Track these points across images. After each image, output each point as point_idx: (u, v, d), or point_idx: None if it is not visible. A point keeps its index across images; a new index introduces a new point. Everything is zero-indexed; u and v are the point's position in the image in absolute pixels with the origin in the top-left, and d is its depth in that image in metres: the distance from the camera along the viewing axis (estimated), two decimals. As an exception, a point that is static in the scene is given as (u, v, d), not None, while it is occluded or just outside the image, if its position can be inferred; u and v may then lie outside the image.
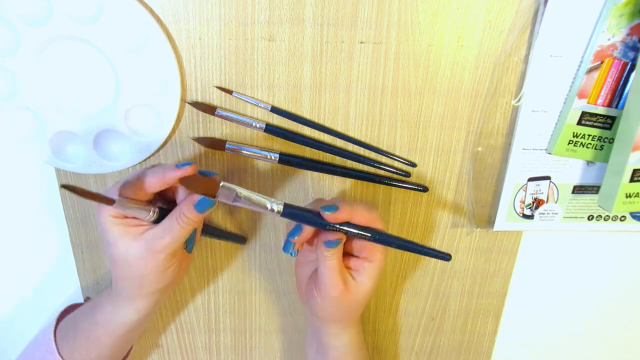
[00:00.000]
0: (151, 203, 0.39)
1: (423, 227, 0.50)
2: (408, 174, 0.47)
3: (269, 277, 0.52)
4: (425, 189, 0.48)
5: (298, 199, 0.48)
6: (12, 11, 0.38)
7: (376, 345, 0.57)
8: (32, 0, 0.38)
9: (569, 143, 0.44)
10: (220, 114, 0.44)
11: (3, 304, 0.53)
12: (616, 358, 0.61)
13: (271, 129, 0.44)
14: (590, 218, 0.49)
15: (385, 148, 0.46)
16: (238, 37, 0.42)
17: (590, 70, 0.41)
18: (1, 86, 0.41)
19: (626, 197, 0.42)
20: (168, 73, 0.41)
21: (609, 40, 0.40)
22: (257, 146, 0.45)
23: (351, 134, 0.46)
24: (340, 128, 0.45)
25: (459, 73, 0.44)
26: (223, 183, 0.36)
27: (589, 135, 0.44)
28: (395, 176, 0.47)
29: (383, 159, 0.47)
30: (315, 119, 0.45)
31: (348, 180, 0.48)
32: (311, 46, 0.42)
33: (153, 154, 0.45)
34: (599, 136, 0.44)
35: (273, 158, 0.45)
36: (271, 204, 0.37)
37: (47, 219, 0.49)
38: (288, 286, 0.53)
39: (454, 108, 0.45)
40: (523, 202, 0.47)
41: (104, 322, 0.41)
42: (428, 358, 0.58)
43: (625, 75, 0.41)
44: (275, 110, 0.44)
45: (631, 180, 0.41)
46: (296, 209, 0.38)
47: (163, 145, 0.44)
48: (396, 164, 0.47)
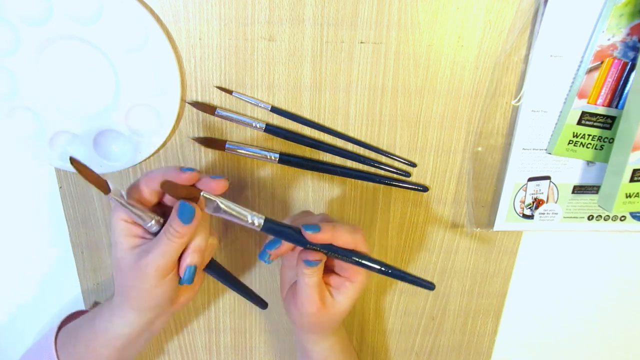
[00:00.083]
0: (157, 213, 0.37)
1: (423, 227, 0.50)
2: (408, 174, 0.47)
3: (269, 277, 0.52)
4: (425, 189, 0.48)
5: (298, 199, 0.48)
6: (12, 11, 0.38)
7: (376, 345, 0.57)
8: (32, 0, 0.38)
9: (569, 143, 0.44)
10: (220, 114, 0.44)
11: (3, 305, 0.53)
12: (616, 358, 0.61)
13: (271, 129, 0.44)
14: (590, 218, 0.49)
15: (385, 148, 0.46)
16: (238, 37, 0.42)
17: (590, 70, 0.41)
18: (1, 86, 0.41)
19: (626, 197, 0.42)
20: (168, 73, 0.41)
21: (609, 40, 0.40)
22: (257, 146, 0.45)
23: (351, 134, 0.46)
24: (340, 128, 0.45)
25: (459, 73, 0.44)
26: (203, 193, 0.35)
27: (589, 135, 0.44)
28: (395, 176, 0.47)
29: (383, 159, 0.47)
30: (315, 119, 0.45)
31: (348, 180, 0.48)
32: (311, 46, 0.42)
33: (153, 154, 0.45)
34: (599, 136, 0.44)
35: (273, 158, 0.45)
36: (252, 217, 0.36)
37: (47, 219, 0.49)
38: (288, 286, 0.53)
39: (454, 108, 0.45)
40: (523, 202, 0.47)
41: (102, 331, 0.40)
42: (428, 358, 0.58)
43: (625, 75, 0.41)
44: (275, 110, 0.44)
45: (631, 180, 0.41)
46: (277, 225, 0.37)
47: (163, 145, 0.44)
48: (396, 164, 0.47)
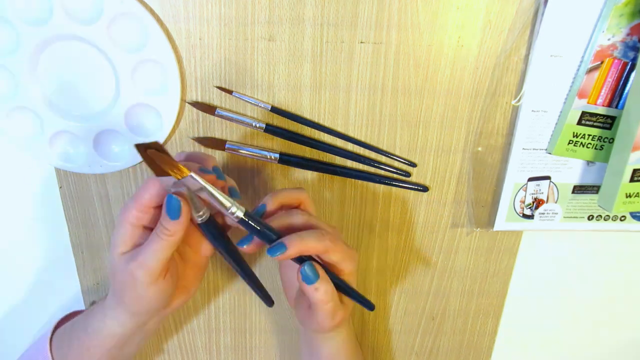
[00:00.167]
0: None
1: (423, 227, 0.50)
2: (408, 174, 0.47)
3: (269, 277, 0.52)
4: (425, 189, 0.48)
5: (298, 199, 0.48)
6: (12, 11, 0.38)
7: (376, 345, 0.57)
8: (32, 0, 0.38)
9: (569, 143, 0.44)
10: (220, 114, 0.44)
11: (3, 305, 0.53)
12: (616, 358, 0.61)
13: (271, 129, 0.44)
14: (590, 218, 0.49)
15: (385, 148, 0.46)
16: (238, 37, 0.42)
17: (590, 70, 0.41)
18: (1, 86, 0.41)
19: (626, 197, 0.42)
20: (168, 73, 0.41)
21: (609, 40, 0.40)
22: (257, 146, 0.45)
23: (351, 134, 0.46)
24: (340, 128, 0.45)
25: (459, 73, 0.44)
26: (192, 174, 0.33)
27: (589, 135, 0.44)
28: (395, 176, 0.47)
29: (383, 159, 0.47)
30: (315, 119, 0.45)
31: (348, 180, 0.48)
32: (311, 46, 0.42)
33: (153, 154, 0.45)
34: (599, 136, 0.44)
35: (273, 158, 0.45)
36: (232, 207, 0.35)
37: (47, 219, 0.49)
38: (288, 286, 0.53)
39: (454, 108, 0.45)
40: (523, 202, 0.47)
41: (95, 331, 0.40)
42: (428, 358, 0.58)
43: (625, 75, 0.41)
44: (275, 110, 0.44)
45: (631, 180, 0.41)
46: (254, 221, 0.36)
47: (163, 145, 0.44)
48: (396, 164, 0.47)
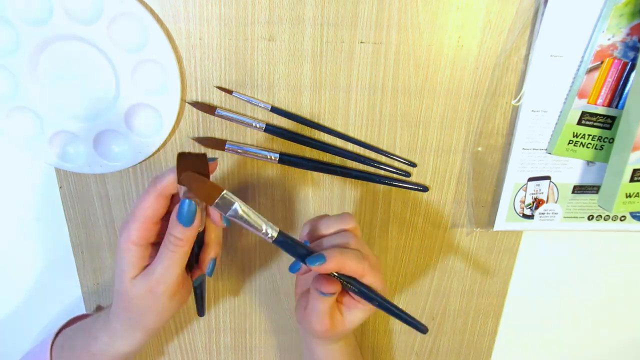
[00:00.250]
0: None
1: (423, 227, 0.50)
2: (408, 174, 0.47)
3: (269, 277, 0.52)
4: (425, 189, 0.48)
5: (298, 199, 0.48)
6: (12, 11, 0.38)
7: (376, 345, 0.57)
8: (32, 0, 0.38)
9: (569, 143, 0.44)
10: (220, 114, 0.44)
11: (2, 305, 0.53)
12: (616, 358, 0.61)
13: (271, 129, 0.44)
14: (590, 218, 0.49)
15: (385, 148, 0.46)
16: (238, 37, 0.42)
17: (590, 70, 0.41)
18: (1, 86, 0.41)
19: (626, 197, 0.42)
20: (168, 73, 0.41)
21: (609, 40, 0.40)
22: (257, 146, 0.45)
23: (351, 134, 0.46)
24: (340, 128, 0.45)
25: (459, 73, 0.44)
26: (225, 192, 0.32)
27: (589, 135, 0.44)
28: (395, 176, 0.47)
29: (383, 159, 0.47)
30: (315, 119, 0.45)
31: (348, 180, 0.48)
32: (311, 46, 0.42)
33: (153, 154, 0.45)
34: (599, 136, 0.44)
35: (273, 158, 0.45)
36: (266, 228, 0.34)
37: (47, 219, 0.49)
38: (288, 286, 0.53)
39: (454, 108, 0.45)
40: (523, 202, 0.47)
41: (99, 353, 0.40)
42: (428, 358, 0.58)
43: (625, 75, 0.41)
44: (275, 110, 0.44)
45: (631, 180, 0.41)
46: (289, 240, 0.35)
47: (163, 145, 0.44)
48: (396, 164, 0.47)
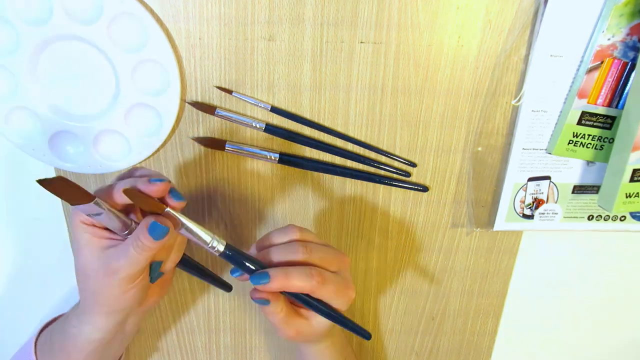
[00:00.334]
0: (130, 217, 0.36)
1: (423, 227, 0.50)
2: (408, 174, 0.47)
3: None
4: (425, 189, 0.48)
5: (298, 199, 0.48)
6: (12, 11, 0.38)
7: (376, 345, 0.57)
8: (32, 0, 0.38)
9: (569, 143, 0.44)
10: (220, 114, 0.44)
11: (2, 305, 0.53)
12: (616, 358, 0.61)
13: (271, 129, 0.44)
14: (590, 218, 0.49)
15: (385, 148, 0.46)
16: (238, 37, 0.42)
17: (590, 70, 0.41)
18: (1, 86, 0.41)
19: (626, 197, 0.42)
20: (168, 73, 0.41)
21: (609, 40, 0.40)
22: (257, 146, 0.45)
23: (351, 134, 0.46)
24: (340, 128, 0.45)
25: (459, 73, 0.44)
26: (168, 209, 0.34)
27: (589, 135, 0.44)
28: (395, 176, 0.47)
29: (383, 159, 0.47)
30: (315, 119, 0.45)
31: (348, 180, 0.48)
32: (311, 46, 0.42)
33: (153, 154, 0.45)
34: (599, 136, 0.44)
35: (273, 158, 0.45)
36: (212, 241, 0.35)
37: (47, 219, 0.49)
38: (288, 286, 0.53)
39: (454, 108, 0.45)
40: (523, 202, 0.47)
41: (72, 337, 0.39)
42: (428, 358, 0.58)
43: (625, 75, 0.41)
44: (275, 110, 0.44)
45: (631, 180, 0.41)
46: (237, 254, 0.36)
47: (163, 145, 0.44)
48: (396, 164, 0.47)
